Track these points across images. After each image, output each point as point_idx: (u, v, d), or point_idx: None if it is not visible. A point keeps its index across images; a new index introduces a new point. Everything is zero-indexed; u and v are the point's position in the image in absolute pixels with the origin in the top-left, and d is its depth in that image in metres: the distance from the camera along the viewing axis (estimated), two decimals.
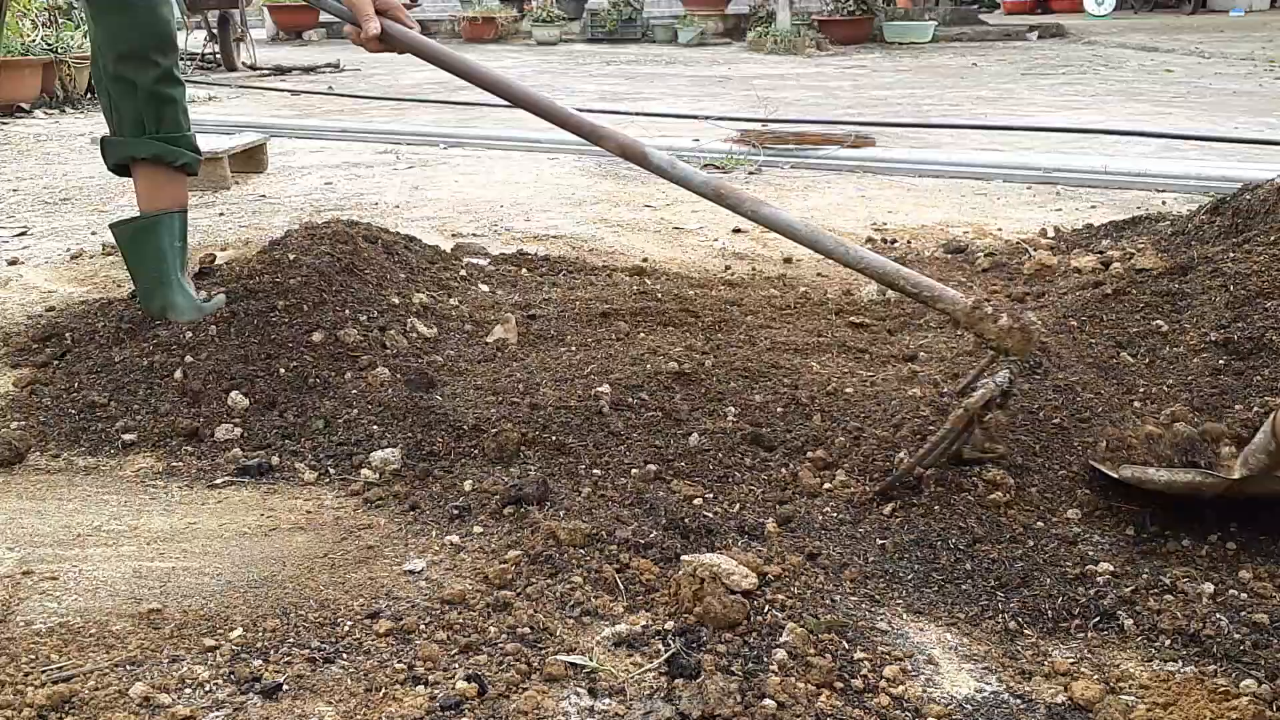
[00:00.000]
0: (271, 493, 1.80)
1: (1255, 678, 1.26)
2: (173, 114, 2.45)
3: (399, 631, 1.38)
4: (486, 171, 4.72)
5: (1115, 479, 1.66)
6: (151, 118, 2.41)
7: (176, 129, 2.46)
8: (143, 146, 2.42)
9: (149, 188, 2.46)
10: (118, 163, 2.48)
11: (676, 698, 1.24)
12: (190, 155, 2.49)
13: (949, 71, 9.44)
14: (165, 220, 2.43)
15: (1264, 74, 8.24)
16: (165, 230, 2.43)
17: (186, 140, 2.48)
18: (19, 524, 1.70)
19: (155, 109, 2.41)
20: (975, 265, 3.02)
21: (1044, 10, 17.22)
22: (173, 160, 2.44)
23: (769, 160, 4.77)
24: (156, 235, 2.42)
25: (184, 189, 2.51)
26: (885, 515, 1.65)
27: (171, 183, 2.47)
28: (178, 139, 2.46)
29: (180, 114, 2.47)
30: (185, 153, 2.47)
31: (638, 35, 14.40)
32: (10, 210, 4.02)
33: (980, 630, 1.39)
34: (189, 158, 2.48)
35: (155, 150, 2.43)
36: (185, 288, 2.39)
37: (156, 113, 2.42)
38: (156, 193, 2.46)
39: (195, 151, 2.51)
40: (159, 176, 2.45)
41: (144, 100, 2.40)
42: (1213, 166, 4.27)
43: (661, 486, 1.73)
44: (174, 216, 2.45)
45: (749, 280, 2.95)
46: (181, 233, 2.47)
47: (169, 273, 2.39)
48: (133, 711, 1.22)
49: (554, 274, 2.97)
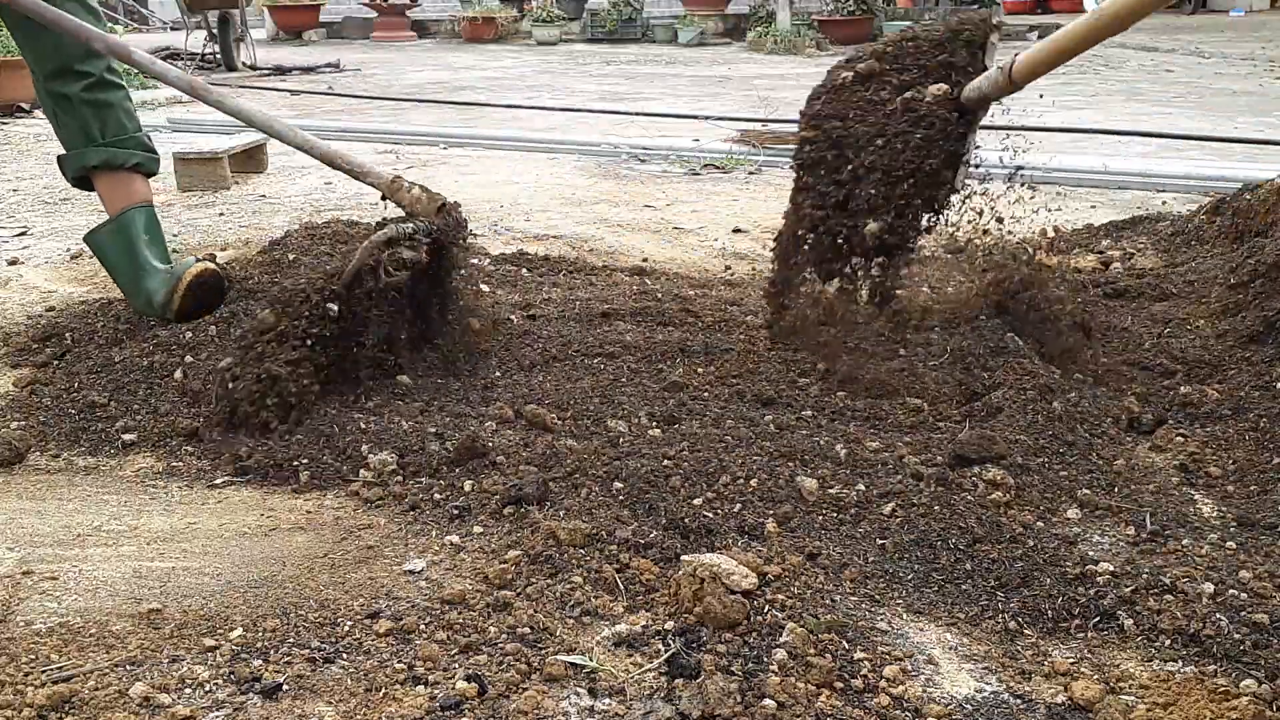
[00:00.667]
0: (271, 493, 1.80)
1: (1255, 678, 1.26)
2: (114, 117, 2.47)
3: (399, 631, 1.38)
4: (486, 171, 4.72)
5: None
6: (94, 125, 2.45)
7: (122, 130, 2.48)
8: (92, 155, 2.46)
9: (109, 192, 2.50)
10: (75, 176, 2.51)
11: (676, 698, 1.24)
12: (141, 154, 2.51)
13: None
14: (132, 216, 2.46)
15: (1264, 74, 8.24)
16: (133, 227, 2.46)
17: (135, 140, 2.50)
18: (19, 524, 1.70)
19: (95, 116, 2.45)
20: (975, 265, 3.02)
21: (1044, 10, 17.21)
22: (124, 163, 2.47)
23: (769, 160, 4.77)
24: (126, 234, 2.45)
25: (145, 187, 2.54)
26: (885, 515, 1.65)
27: (130, 183, 2.51)
28: (124, 140, 2.48)
29: (122, 115, 2.49)
30: (135, 153, 2.50)
31: (638, 35, 14.40)
32: (10, 210, 4.02)
33: (980, 630, 1.39)
34: (141, 157, 2.50)
35: (104, 156, 2.46)
36: (158, 268, 2.41)
37: (98, 119, 2.45)
38: (117, 195, 2.49)
39: (147, 150, 2.53)
40: (116, 180, 2.49)
41: (81, 110, 2.43)
42: (1213, 166, 4.27)
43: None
44: (139, 211, 2.48)
45: (749, 280, 2.94)
46: (149, 225, 2.49)
47: (141, 264, 2.41)
48: (133, 711, 1.22)
49: (554, 274, 2.97)
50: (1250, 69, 8.66)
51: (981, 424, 1.91)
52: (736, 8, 14.58)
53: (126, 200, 2.48)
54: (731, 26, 14.49)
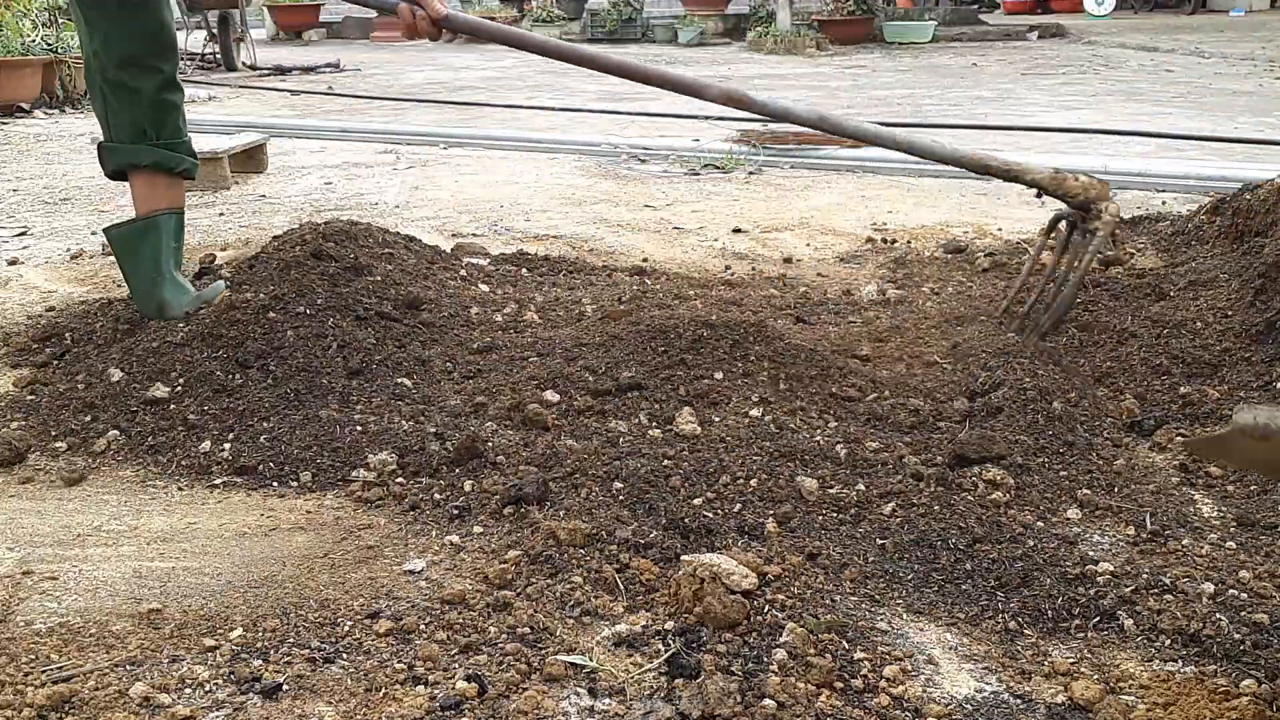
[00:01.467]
0: (271, 493, 1.80)
1: (1255, 678, 1.26)
2: (174, 121, 2.44)
3: (399, 631, 1.38)
4: (487, 171, 4.72)
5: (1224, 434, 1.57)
6: (153, 125, 2.40)
7: (177, 135, 2.45)
8: (144, 154, 2.41)
9: (147, 192, 2.45)
10: (117, 169, 2.46)
11: (676, 698, 1.24)
12: (190, 161, 2.48)
13: (949, 71, 9.44)
14: (163, 221, 2.43)
15: (1264, 74, 8.24)
16: (163, 232, 2.42)
17: (185, 146, 2.48)
18: (19, 524, 1.70)
19: (158, 116, 2.40)
20: (975, 265, 3.02)
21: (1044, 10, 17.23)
22: (174, 166, 2.44)
23: (769, 160, 4.77)
24: (154, 237, 2.41)
25: (181, 192, 2.51)
26: (885, 515, 1.65)
27: (170, 187, 2.47)
28: (177, 145, 2.45)
29: (180, 120, 2.47)
30: (185, 158, 2.47)
31: (638, 35, 14.40)
32: (10, 210, 4.02)
33: (980, 630, 1.39)
34: (189, 163, 2.48)
35: (157, 158, 2.42)
36: (180, 282, 2.39)
37: (158, 120, 2.41)
38: (153, 196, 2.45)
39: (193, 156, 2.51)
40: (158, 181, 2.45)
41: (147, 107, 2.38)
42: (1213, 166, 4.27)
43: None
44: (170, 217, 2.45)
45: (749, 280, 2.95)
46: (178, 233, 2.47)
47: (164, 272, 2.39)
48: (133, 711, 1.22)
49: (554, 274, 2.97)
50: (1250, 69, 8.66)
51: (981, 424, 1.91)
52: (736, 8, 14.58)
53: (165, 203, 2.45)
54: (731, 26, 14.50)
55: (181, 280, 2.40)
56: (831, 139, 5.22)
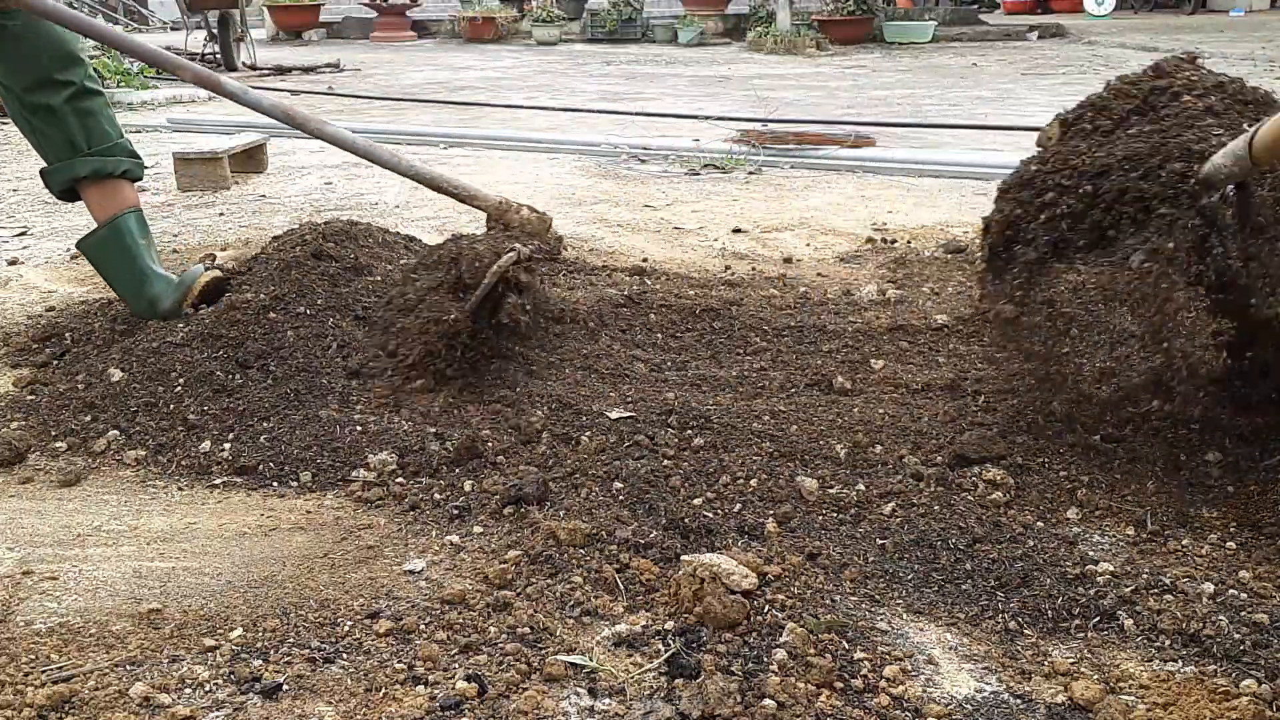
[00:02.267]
0: (271, 493, 1.80)
1: (1255, 678, 1.26)
2: (98, 125, 2.45)
3: (399, 631, 1.38)
4: (487, 171, 4.72)
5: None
6: (79, 135, 2.42)
7: (106, 138, 2.46)
8: (81, 165, 2.43)
9: (99, 200, 2.48)
10: (62, 189, 2.48)
11: (676, 698, 1.24)
12: (129, 161, 2.49)
13: (949, 71, 9.44)
14: (122, 222, 2.45)
15: (1264, 74, 8.24)
16: (125, 232, 2.45)
17: (120, 147, 2.49)
18: (19, 524, 1.70)
19: (80, 125, 2.42)
20: (975, 265, 3.02)
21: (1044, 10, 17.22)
22: (113, 170, 2.45)
23: (769, 160, 4.77)
24: (119, 239, 2.44)
25: (133, 192, 2.53)
26: (885, 515, 1.65)
27: (119, 190, 2.49)
28: (110, 149, 2.46)
29: (105, 123, 2.47)
30: (123, 160, 2.48)
31: (638, 35, 14.40)
32: (10, 210, 4.03)
33: (980, 630, 1.39)
34: (129, 163, 2.49)
35: (94, 166, 2.44)
36: (162, 274, 2.41)
37: (83, 129, 2.42)
38: (108, 203, 2.48)
39: (132, 156, 2.51)
40: (105, 188, 2.47)
41: (66, 121, 2.40)
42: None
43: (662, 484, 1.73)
44: (129, 216, 2.47)
45: (749, 280, 2.94)
46: (142, 229, 2.49)
47: (142, 269, 2.40)
48: (133, 711, 1.22)
49: (554, 274, 2.97)
50: (1250, 69, 8.66)
51: (981, 424, 1.91)
52: (736, 8, 14.58)
53: (117, 207, 2.46)
54: (731, 26, 14.50)
55: (162, 271, 2.42)
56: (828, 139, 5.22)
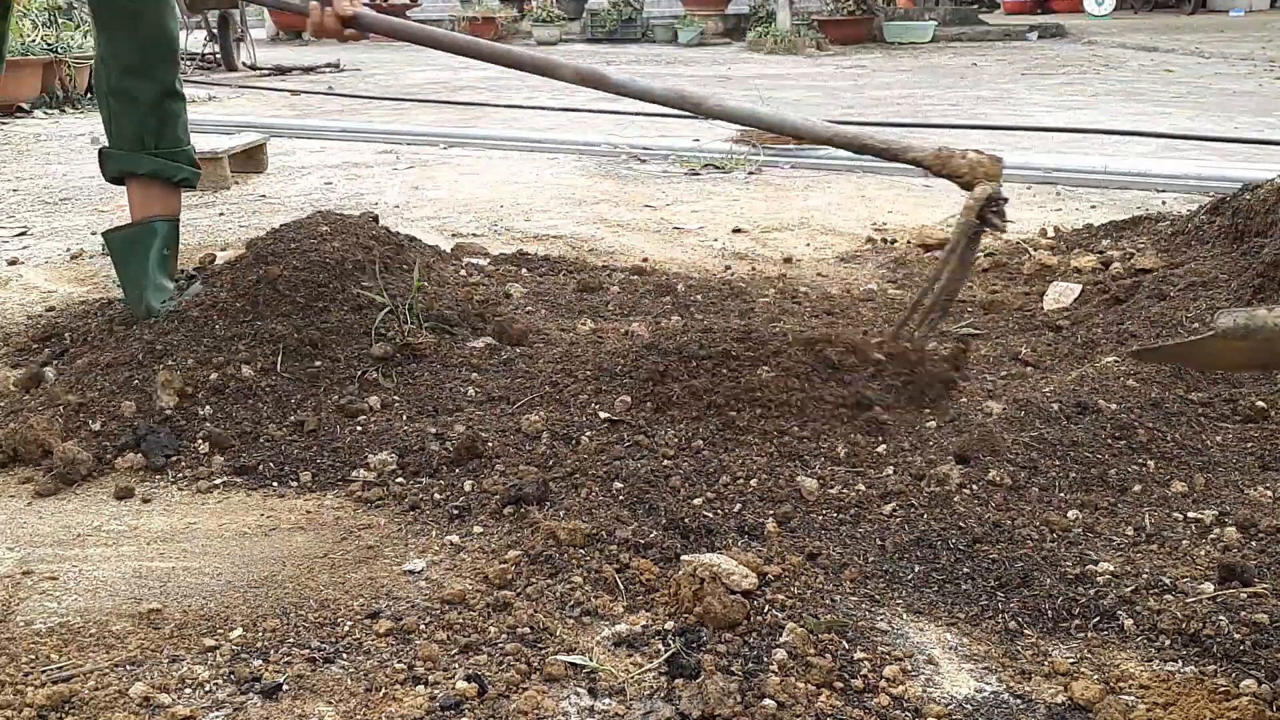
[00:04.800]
0: (271, 493, 1.80)
1: (1255, 678, 1.26)
2: (172, 130, 2.44)
3: (399, 631, 1.38)
4: (487, 171, 4.73)
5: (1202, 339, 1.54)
6: (151, 133, 2.40)
7: (176, 144, 2.45)
8: (141, 163, 2.41)
9: (142, 199, 2.46)
10: (115, 175, 2.47)
11: (676, 698, 1.24)
12: (189, 170, 2.48)
13: (949, 71, 9.44)
14: (158, 227, 2.43)
15: (1264, 74, 8.24)
16: (158, 238, 2.42)
17: (185, 155, 2.47)
18: (19, 524, 1.70)
19: (156, 124, 2.40)
20: (975, 265, 3.02)
21: (1044, 10, 17.23)
22: (171, 176, 2.44)
23: (769, 160, 4.77)
24: (148, 244, 2.40)
25: (178, 200, 2.51)
26: (885, 515, 1.65)
27: (166, 195, 2.47)
28: (176, 154, 2.45)
29: (180, 129, 2.46)
30: (184, 168, 2.46)
31: (638, 35, 14.40)
32: (10, 210, 4.02)
33: (980, 630, 1.39)
34: (188, 173, 2.47)
35: (153, 167, 2.42)
36: (164, 287, 2.39)
37: (157, 128, 2.41)
38: (148, 204, 2.45)
39: (194, 166, 2.50)
40: (153, 189, 2.45)
41: (145, 115, 2.38)
42: (1213, 166, 4.27)
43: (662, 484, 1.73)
44: (166, 224, 2.44)
45: (749, 280, 2.94)
46: (172, 240, 2.46)
47: (151, 278, 2.38)
48: (133, 711, 1.22)
49: (554, 274, 2.97)
50: (1250, 69, 8.66)
51: (981, 424, 1.91)
52: (736, 8, 14.59)
53: (159, 210, 2.44)
54: (731, 26, 14.50)
55: (167, 285, 2.40)
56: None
